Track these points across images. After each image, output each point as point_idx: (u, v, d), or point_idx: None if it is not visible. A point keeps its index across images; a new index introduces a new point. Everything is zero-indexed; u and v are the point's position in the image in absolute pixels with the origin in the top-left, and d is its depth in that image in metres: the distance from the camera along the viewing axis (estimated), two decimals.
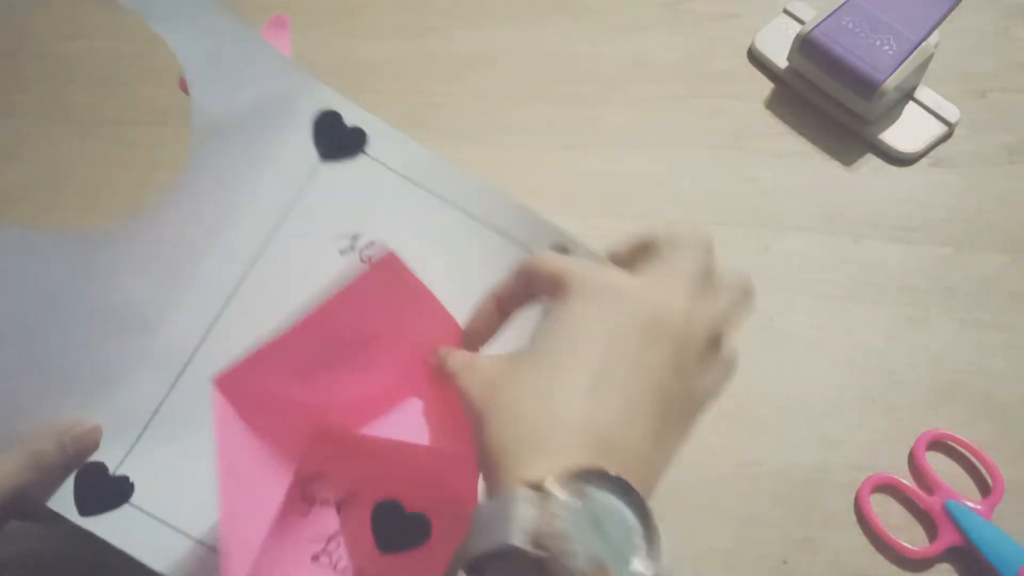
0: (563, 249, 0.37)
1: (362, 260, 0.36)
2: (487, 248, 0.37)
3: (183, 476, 0.33)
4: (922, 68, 0.52)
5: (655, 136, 0.53)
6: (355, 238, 0.37)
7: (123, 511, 0.33)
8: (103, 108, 0.54)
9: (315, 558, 0.33)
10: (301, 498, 0.33)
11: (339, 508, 0.34)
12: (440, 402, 0.33)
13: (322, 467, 0.34)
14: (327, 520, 0.33)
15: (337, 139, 0.38)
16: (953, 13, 0.50)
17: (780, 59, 0.55)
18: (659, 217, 0.50)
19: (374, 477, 0.34)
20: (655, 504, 0.25)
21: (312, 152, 0.37)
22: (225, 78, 0.35)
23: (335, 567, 0.33)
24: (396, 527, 0.34)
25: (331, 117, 0.38)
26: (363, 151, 0.38)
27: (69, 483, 0.33)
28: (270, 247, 0.36)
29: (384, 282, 0.30)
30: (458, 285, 0.34)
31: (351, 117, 0.38)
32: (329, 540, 0.33)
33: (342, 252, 0.37)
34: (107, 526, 0.32)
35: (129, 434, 0.34)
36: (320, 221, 0.37)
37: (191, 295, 0.35)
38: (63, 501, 0.32)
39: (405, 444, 0.32)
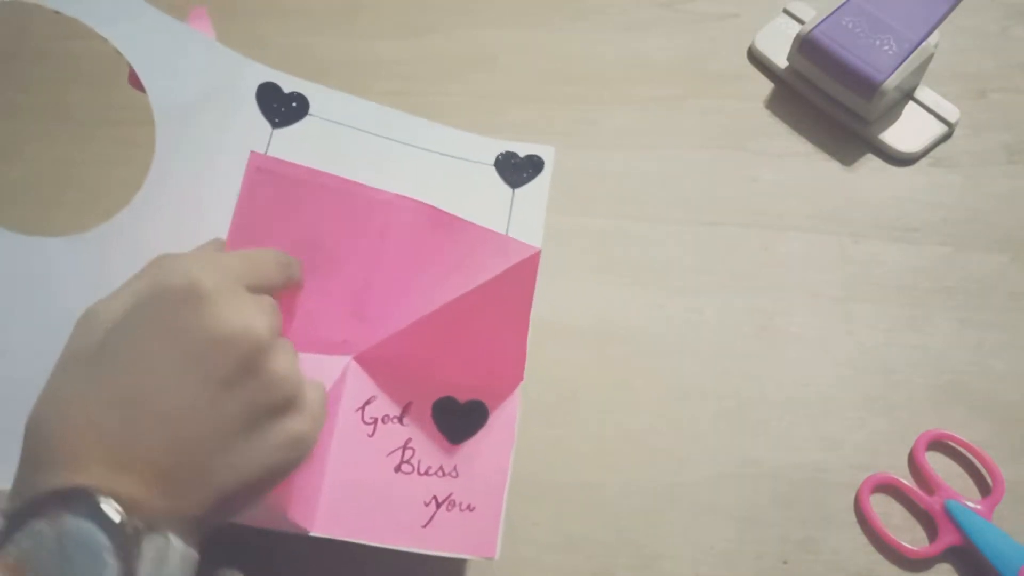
0: (512, 158, 0.43)
1: None
2: (443, 172, 0.42)
3: None
4: (922, 68, 0.52)
5: (655, 136, 0.53)
6: None
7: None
8: (103, 108, 0.54)
9: (397, 469, 0.36)
10: (363, 423, 0.36)
11: (401, 420, 0.37)
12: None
13: (369, 391, 0.37)
14: (395, 434, 0.37)
15: (281, 107, 0.42)
16: (953, 13, 0.50)
17: (780, 59, 0.55)
18: (659, 217, 0.50)
19: (422, 381, 0.37)
20: (657, 505, 0.25)
21: (263, 123, 0.41)
22: (172, 71, 0.38)
23: (418, 470, 0.36)
24: (458, 418, 0.37)
25: (270, 88, 0.42)
26: (308, 113, 0.42)
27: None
28: None
29: (274, 190, 0.34)
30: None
31: (289, 85, 0.42)
32: (404, 450, 0.36)
33: None
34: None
35: None
36: None
37: None
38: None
39: (438, 343, 0.36)
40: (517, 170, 0.43)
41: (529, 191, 0.43)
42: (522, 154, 0.44)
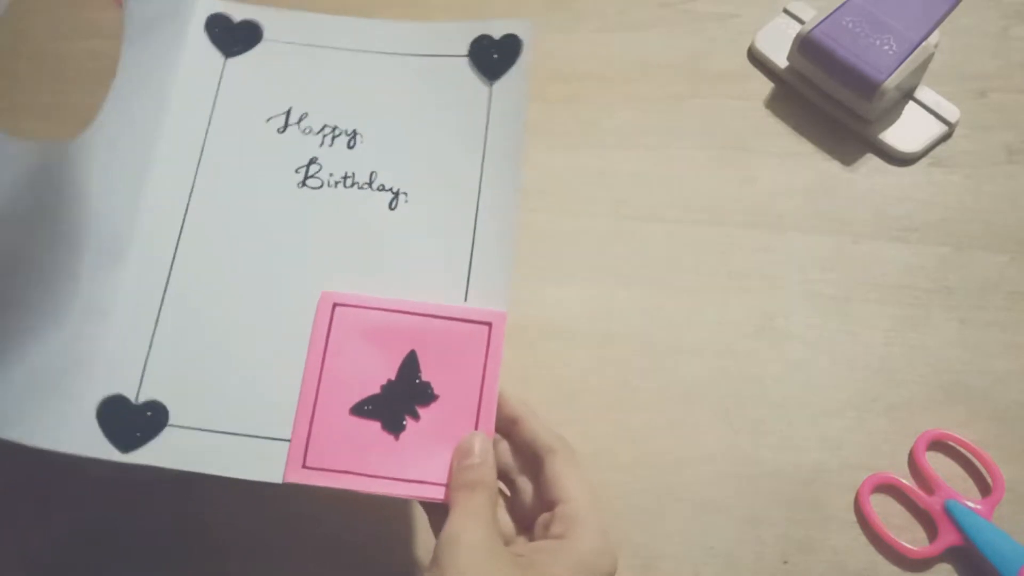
0: (486, 42, 0.39)
1: (303, 133, 0.39)
2: (415, 75, 0.39)
3: (206, 380, 0.34)
4: (922, 68, 0.52)
5: (655, 136, 0.53)
6: (288, 113, 0.39)
7: (166, 435, 0.33)
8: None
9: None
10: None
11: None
12: None
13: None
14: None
15: (232, 35, 0.41)
16: (953, 13, 0.50)
17: (780, 59, 0.55)
18: (659, 217, 0.50)
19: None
20: (657, 505, 0.25)
21: (214, 53, 0.40)
22: None
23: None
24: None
25: (220, 19, 0.41)
26: (262, 39, 0.41)
27: (94, 426, 0.32)
28: (208, 146, 0.38)
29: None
30: (409, 118, 0.39)
31: (239, 14, 0.41)
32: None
33: (280, 131, 0.39)
34: (157, 454, 0.32)
35: (136, 360, 0.34)
36: (246, 110, 0.39)
37: (151, 206, 0.37)
38: (97, 445, 0.32)
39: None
40: (493, 57, 0.39)
41: (508, 83, 0.39)
42: (497, 35, 0.39)
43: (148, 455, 0.32)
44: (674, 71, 0.56)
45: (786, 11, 0.57)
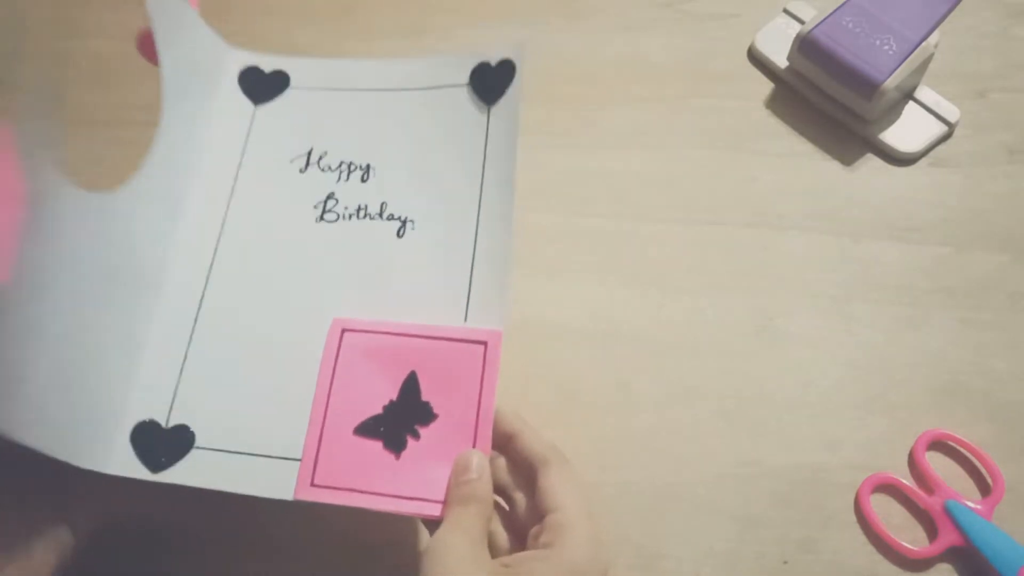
0: (485, 71, 0.41)
1: (322, 171, 0.41)
2: (423, 108, 0.42)
3: (232, 406, 0.36)
4: (922, 68, 0.52)
5: (655, 136, 0.53)
6: (309, 153, 0.42)
7: (192, 456, 0.35)
8: (103, 108, 0.54)
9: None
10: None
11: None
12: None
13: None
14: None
15: (262, 85, 0.44)
16: (953, 13, 0.50)
17: (780, 59, 0.55)
18: (659, 217, 0.50)
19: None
20: (657, 505, 0.25)
21: (245, 102, 0.43)
22: (179, 49, 0.41)
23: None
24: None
25: (252, 71, 0.44)
26: (289, 87, 0.44)
27: (128, 449, 0.35)
28: (238, 187, 0.41)
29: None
30: (416, 149, 0.41)
31: (269, 65, 0.44)
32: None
33: (301, 170, 0.42)
34: (184, 474, 0.35)
35: (167, 387, 0.37)
36: (273, 152, 0.42)
37: (185, 244, 0.40)
38: (130, 466, 0.34)
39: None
40: (491, 82, 0.41)
41: (504, 105, 0.40)
42: (494, 62, 0.41)
43: (176, 475, 0.34)
44: (674, 71, 0.56)
45: (786, 11, 0.57)
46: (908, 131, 0.52)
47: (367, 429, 0.35)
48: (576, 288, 0.48)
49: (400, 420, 0.35)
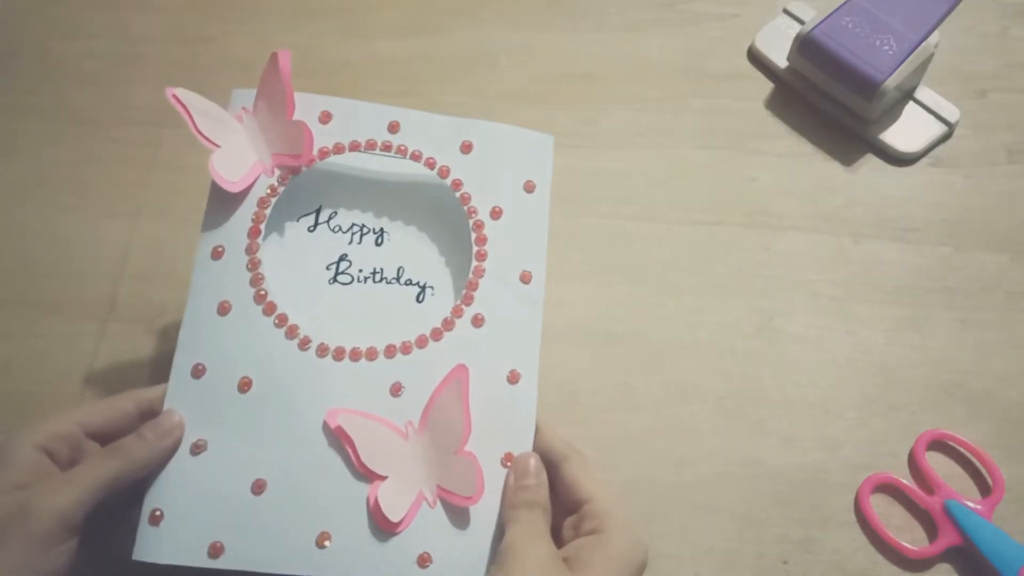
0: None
1: (332, 231, 0.41)
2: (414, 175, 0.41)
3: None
4: (922, 68, 0.52)
5: (655, 136, 0.53)
6: (317, 212, 0.41)
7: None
8: (103, 108, 0.54)
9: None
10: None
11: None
12: None
13: None
14: None
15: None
16: (953, 13, 0.50)
17: (780, 59, 0.55)
18: (659, 217, 0.50)
19: None
20: (657, 505, 0.25)
21: None
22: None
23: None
24: None
25: None
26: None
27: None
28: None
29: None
30: (432, 215, 0.41)
31: None
32: None
33: (310, 229, 0.41)
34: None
35: None
36: (282, 211, 0.40)
37: None
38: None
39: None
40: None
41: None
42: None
43: None
44: (674, 71, 0.56)
45: (786, 11, 0.57)
46: (908, 131, 0.52)
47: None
48: (576, 288, 0.48)
49: None
